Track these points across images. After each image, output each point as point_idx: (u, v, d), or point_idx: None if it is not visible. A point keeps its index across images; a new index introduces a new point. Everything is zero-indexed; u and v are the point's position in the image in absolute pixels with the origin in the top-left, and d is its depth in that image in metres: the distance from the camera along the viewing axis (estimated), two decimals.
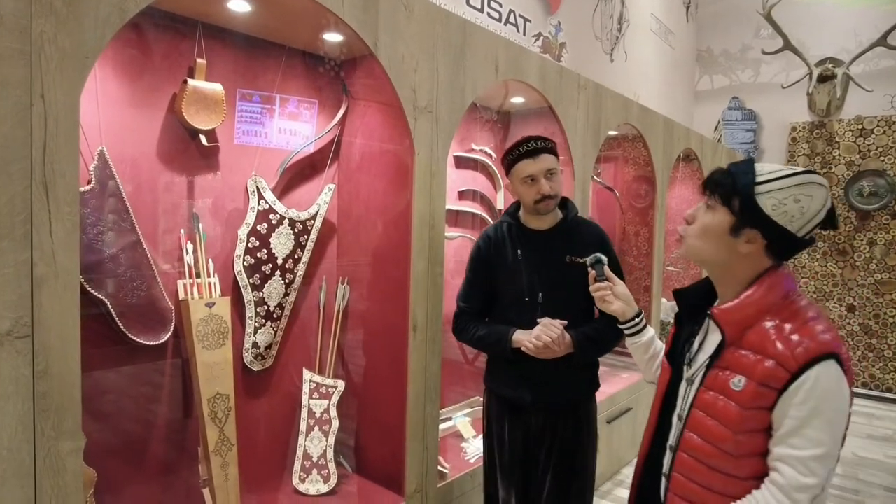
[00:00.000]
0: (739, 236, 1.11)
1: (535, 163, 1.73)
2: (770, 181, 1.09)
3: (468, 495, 2.24)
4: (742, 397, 1.06)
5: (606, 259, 1.57)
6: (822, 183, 1.09)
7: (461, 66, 2.06)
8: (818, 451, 1.00)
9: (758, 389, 1.04)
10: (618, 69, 4.72)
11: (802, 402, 1.00)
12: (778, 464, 1.03)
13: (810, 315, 1.07)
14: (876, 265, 5.23)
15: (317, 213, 2.05)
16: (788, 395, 1.01)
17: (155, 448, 1.76)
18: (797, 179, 1.08)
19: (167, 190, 1.74)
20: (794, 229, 1.08)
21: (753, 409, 1.05)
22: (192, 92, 1.67)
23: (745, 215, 1.10)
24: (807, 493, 0.99)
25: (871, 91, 5.28)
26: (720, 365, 1.13)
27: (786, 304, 1.10)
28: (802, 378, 1.00)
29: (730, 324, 1.12)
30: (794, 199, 1.07)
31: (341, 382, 2.08)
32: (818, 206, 1.07)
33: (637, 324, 1.50)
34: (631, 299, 1.52)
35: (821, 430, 1.00)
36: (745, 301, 1.11)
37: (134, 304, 1.62)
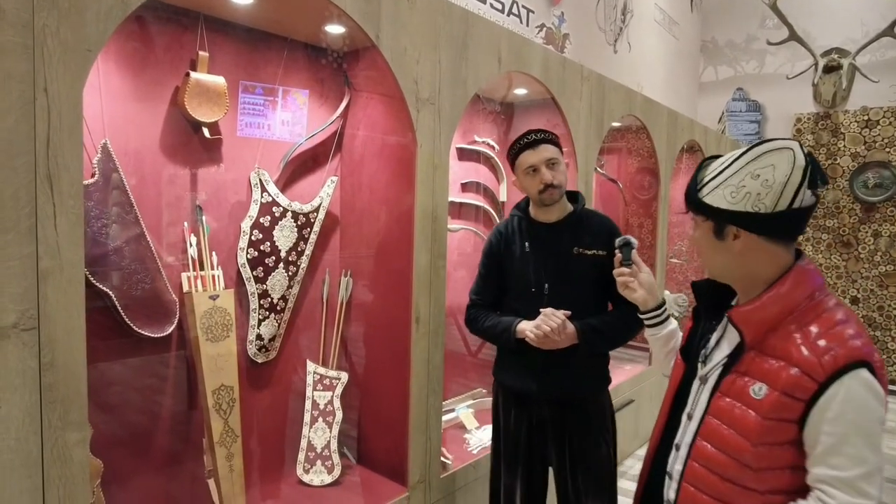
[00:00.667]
0: (725, 237, 1.06)
1: (536, 153, 1.74)
2: (721, 171, 1.04)
3: (471, 486, 2.25)
4: (762, 406, 0.98)
5: (637, 243, 1.49)
6: (783, 146, 1.00)
7: (464, 58, 2.05)
8: (863, 469, 0.92)
9: (781, 399, 0.96)
10: (621, 60, 4.70)
11: (837, 418, 0.92)
12: (824, 486, 0.94)
13: (839, 317, 0.99)
14: (880, 257, 5.21)
15: (320, 206, 2.05)
16: (819, 410, 0.94)
17: (160, 439, 1.77)
18: (748, 156, 1.02)
19: (170, 183, 1.75)
20: (767, 207, 0.99)
21: (775, 419, 0.97)
22: (194, 85, 1.67)
23: (712, 215, 1.05)
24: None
25: (877, 82, 5.24)
26: (739, 370, 1.05)
27: (812, 305, 1.01)
28: (832, 390, 0.93)
29: (750, 325, 1.04)
30: (752, 177, 1.00)
31: (345, 374, 2.10)
32: (785, 171, 0.98)
33: (657, 315, 1.42)
34: (654, 288, 1.44)
35: (862, 446, 0.92)
36: (766, 301, 1.03)
37: (138, 296, 1.63)
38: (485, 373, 3.09)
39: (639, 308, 1.45)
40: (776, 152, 1.00)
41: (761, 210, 1.00)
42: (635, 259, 1.46)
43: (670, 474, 1.19)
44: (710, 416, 1.08)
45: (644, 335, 1.49)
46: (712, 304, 1.20)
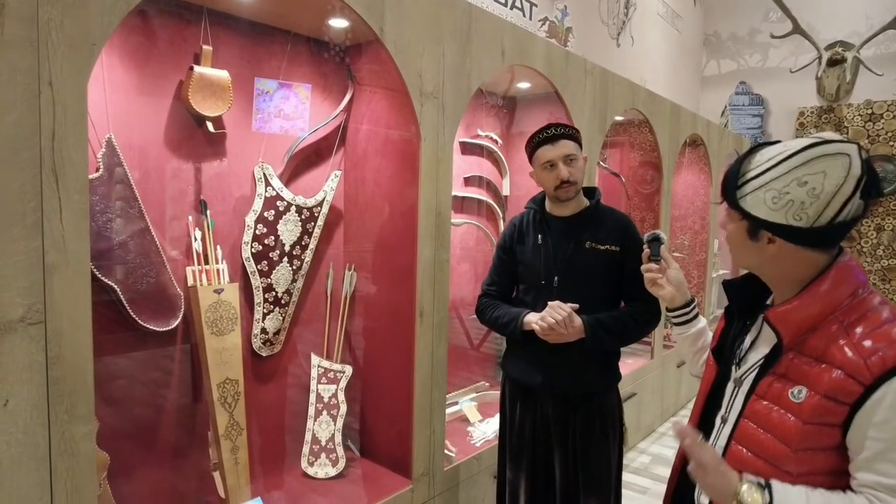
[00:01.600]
0: (759, 239, 0.99)
1: (555, 148, 1.73)
2: (766, 171, 0.95)
3: (475, 478, 2.26)
4: (803, 410, 0.93)
5: (665, 238, 1.45)
6: (839, 151, 0.90)
7: (467, 52, 2.05)
8: None
9: (823, 403, 0.91)
10: (624, 54, 4.68)
11: (885, 422, 0.87)
12: (869, 492, 0.90)
13: (885, 316, 0.93)
14: (883, 251, 5.21)
15: (323, 200, 2.06)
16: (865, 413, 0.88)
17: (166, 432, 1.78)
18: (799, 159, 0.92)
19: (175, 177, 1.75)
20: (809, 218, 0.91)
21: (817, 424, 0.92)
22: (198, 79, 1.67)
23: (747, 218, 0.99)
24: None
25: (881, 75, 5.21)
26: (777, 372, 1.00)
27: (855, 304, 0.95)
28: (880, 392, 0.87)
29: (788, 326, 0.99)
30: (799, 183, 0.92)
31: (349, 367, 2.10)
32: (837, 181, 0.89)
33: (686, 313, 1.37)
34: (684, 285, 1.39)
35: None
36: (806, 300, 0.97)
37: (143, 290, 1.64)
38: (488, 366, 3.10)
39: (659, 306, 1.43)
40: (830, 158, 0.91)
41: (801, 222, 0.93)
42: (664, 255, 1.41)
43: None
44: (745, 419, 1.03)
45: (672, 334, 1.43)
46: (746, 303, 1.15)
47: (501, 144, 2.99)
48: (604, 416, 1.82)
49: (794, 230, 0.94)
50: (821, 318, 0.96)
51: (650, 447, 3.64)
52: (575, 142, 1.77)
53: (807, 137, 0.96)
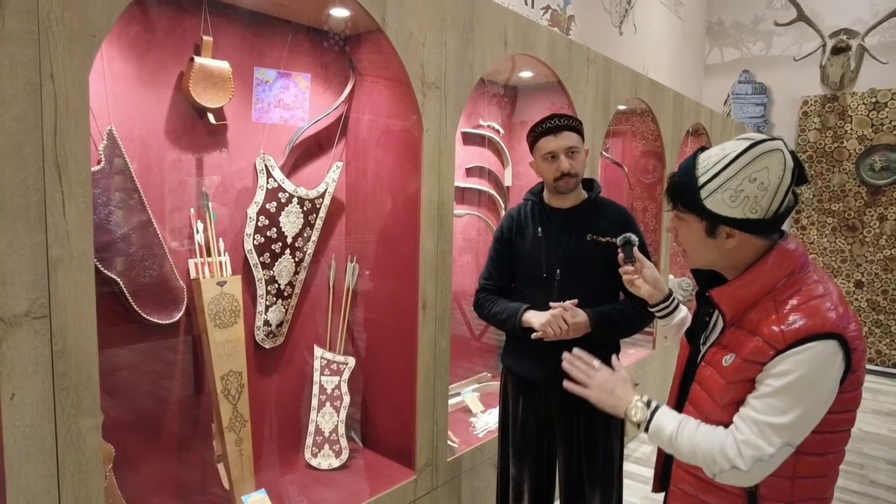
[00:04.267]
0: (718, 236, 1.10)
1: (557, 140, 1.72)
2: (718, 174, 1.06)
3: (477, 469, 2.28)
4: (727, 371, 1.07)
5: (637, 240, 1.51)
6: (774, 148, 1.03)
7: (469, 41, 2.03)
8: (778, 420, 0.99)
9: (742, 364, 1.05)
10: (627, 42, 4.64)
11: (781, 374, 0.99)
12: (738, 420, 1.04)
13: (817, 292, 1.04)
14: (886, 241, 5.20)
15: (325, 192, 2.05)
16: (770, 365, 1.01)
17: (170, 424, 1.79)
18: (745, 159, 1.03)
19: (176, 169, 1.74)
20: (762, 209, 1.04)
21: (736, 382, 1.06)
22: (198, 70, 1.66)
23: (709, 218, 1.08)
24: (754, 451, 1.00)
25: (886, 63, 5.17)
26: (721, 343, 1.13)
27: (791, 283, 1.07)
28: (787, 353, 0.99)
29: (729, 305, 1.11)
30: (750, 180, 1.03)
31: (352, 359, 2.11)
32: (779, 172, 1.03)
33: (667, 307, 1.46)
34: (660, 282, 1.47)
35: (790, 404, 0.98)
36: (746, 280, 1.09)
37: (146, 283, 1.64)
38: (490, 357, 3.11)
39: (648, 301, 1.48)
40: (769, 154, 1.03)
41: (757, 213, 1.05)
42: (637, 256, 1.50)
43: None
44: (695, 382, 1.17)
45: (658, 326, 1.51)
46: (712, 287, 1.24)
47: (503, 134, 2.97)
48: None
49: (753, 222, 1.05)
50: (759, 296, 1.08)
51: None
52: (578, 133, 1.75)
53: (736, 140, 1.09)
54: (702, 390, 1.14)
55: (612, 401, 1.22)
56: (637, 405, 1.18)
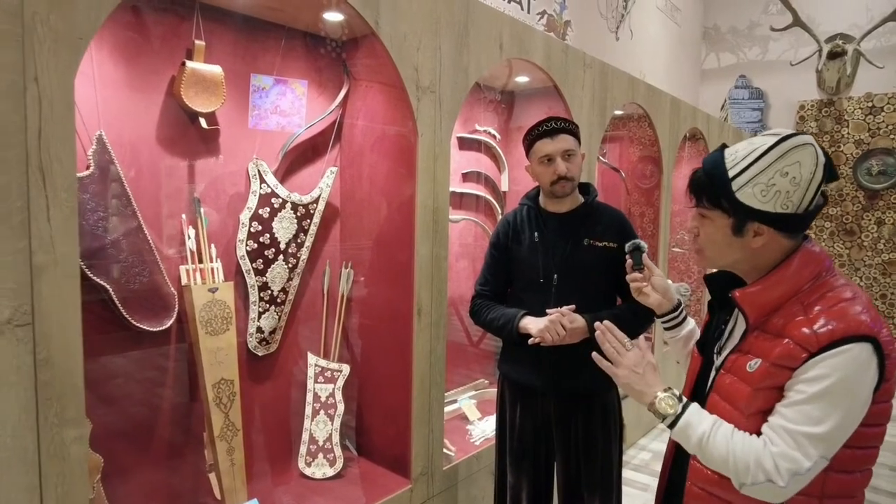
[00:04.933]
0: (745, 233, 1.05)
1: (553, 143, 1.70)
2: (748, 167, 1.01)
3: (474, 477, 2.25)
4: (753, 378, 1.00)
5: (646, 247, 1.46)
6: (804, 142, 1.00)
7: (464, 45, 2.02)
8: (815, 429, 0.92)
9: (770, 369, 0.98)
10: (623, 47, 4.64)
11: (815, 379, 0.93)
12: (769, 431, 0.97)
13: (846, 295, 0.99)
14: (884, 245, 5.19)
15: (319, 197, 2.03)
16: (802, 370, 0.95)
17: (161, 433, 1.76)
18: (776, 153, 0.99)
19: (168, 174, 1.72)
20: (794, 205, 1.00)
21: (764, 388, 0.99)
22: (190, 74, 1.64)
23: (739, 213, 1.03)
24: (791, 465, 0.93)
25: (882, 67, 5.18)
26: (742, 349, 1.07)
27: (817, 286, 1.02)
28: (821, 356, 0.93)
29: (753, 307, 1.05)
30: (782, 174, 0.99)
31: (346, 366, 2.08)
32: (811, 167, 0.99)
33: (675, 317, 1.39)
34: (669, 291, 1.41)
35: (826, 411, 0.92)
36: (771, 282, 1.04)
37: (136, 289, 1.61)
38: (487, 363, 3.08)
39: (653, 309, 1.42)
40: (801, 149, 0.99)
41: (789, 209, 1.00)
42: (647, 263, 1.43)
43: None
44: (713, 392, 1.10)
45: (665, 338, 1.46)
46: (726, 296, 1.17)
47: (500, 139, 2.96)
48: (605, 414, 1.80)
49: (785, 217, 1.01)
50: (784, 299, 1.03)
51: (650, 444, 3.63)
52: (574, 137, 1.74)
53: (763, 135, 1.05)
54: (722, 400, 1.07)
55: (641, 386, 1.13)
56: (668, 397, 1.09)
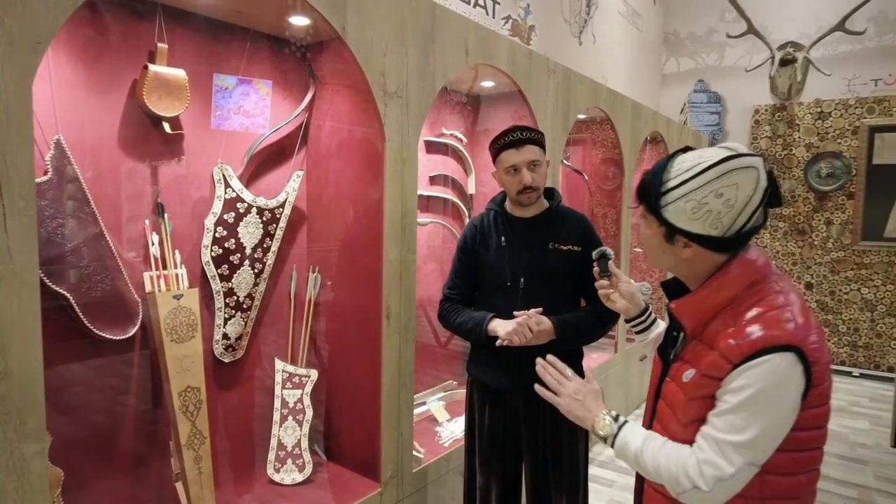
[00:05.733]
0: (675, 243, 1.07)
1: (519, 153, 1.73)
2: (686, 182, 1.01)
3: (444, 478, 2.26)
4: (687, 388, 1.04)
5: (612, 254, 1.50)
6: (749, 165, 0.99)
7: (431, 50, 2.03)
8: (738, 437, 0.95)
9: (700, 381, 1.02)
10: (586, 52, 4.73)
11: (738, 389, 0.96)
12: (699, 439, 1.01)
13: (777, 303, 1.00)
14: (832, 244, 5.42)
15: (285, 201, 2.02)
16: (727, 380, 0.98)
17: (125, 444, 1.72)
18: (715, 172, 0.99)
19: (130, 179, 1.68)
20: (724, 226, 1.00)
21: (697, 398, 1.02)
22: (153, 78, 1.61)
23: (666, 226, 1.05)
24: (715, 472, 0.97)
25: (829, 75, 5.41)
26: (683, 357, 1.10)
27: (751, 294, 1.03)
28: (744, 367, 0.95)
29: (688, 317, 1.08)
30: (716, 195, 0.99)
31: (314, 371, 2.07)
32: (748, 192, 0.98)
33: (643, 321, 1.43)
34: (636, 296, 1.44)
35: (749, 420, 0.95)
36: (702, 294, 1.06)
37: (98, 297, 1.58)
38: (455, 365, 3.10)
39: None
40: (743, 171, 0.99)
41: (717, 230, 1.01)
42: (613, 270, 1.46)
43: None
44: (661, 399, 1.14)
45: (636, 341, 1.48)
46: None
47: (466, 143, 2.99)
48: None
49: (711, 239, 1.02)
50: (718, 309, 1.05)
51: None
52: (539, 146, 1.77)
53: (718, 148, 1.04)
54: (667, 407, 1.11)
55: (581, 412, 1.19)
56: (605, 419, 1.14)
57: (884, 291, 5.21)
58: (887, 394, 4.68)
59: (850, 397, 4.72)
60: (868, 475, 3.33)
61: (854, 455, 3.60)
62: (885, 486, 3.20)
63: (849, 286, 5.35)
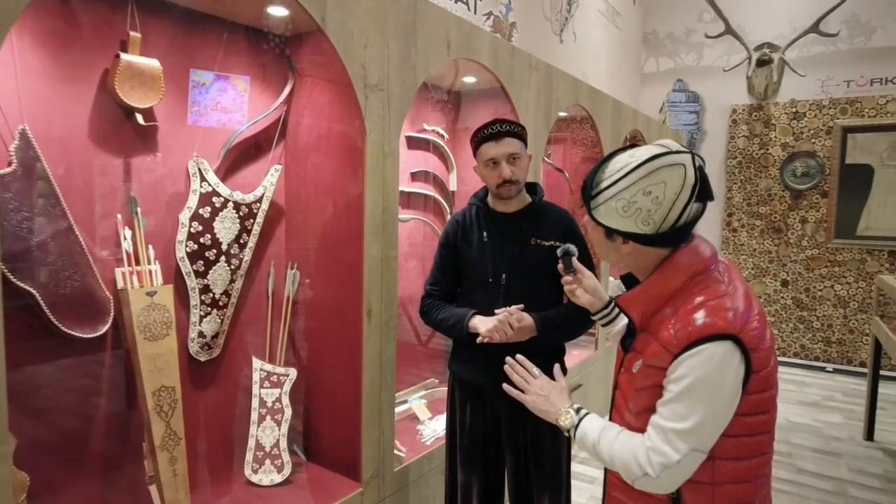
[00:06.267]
0: (614, 240, 1.11)
1: (498, 146, 1.71)
2: (616, 182, 1.05)
3: (425, 477, 2.24)
4: (636, 378, 1.09)
5: (577, 251, 1.53)
6: (676, 162, 1.01)
7: (412, 44, 2.01)
8: (681, 425, 0.99)
9: (645, 371, 1.06)
10: (567, 50, 4.74)
11: (679, 378, 0.99)
12: (649, 428, 1.05)
13: (720, 291, 1.03)
14: (807, 242, 5.52)
15: (263, 196, 1.97)
16: (669, 371, 1.01)
17: (96, 446, 1.66)
18: (643, 171, 1.02)
19: (101, 172, 1.63)
20: (656, 223, 1.03)
21: (645, 388, 1.06)
22: (125, 67, 1.56)
23: (601, 225, 1.10)
24: (660, 458, 1.00)
25: (804, 76, 5.50)
26: (635, 348, 1.14)
27: (693, 285, 1.06)
28: (682, 357, 0.99)
29: (635, 309, 1.12)
30: (644, 193, 1.02)
31: (293, 370, 2.03)
32: (675, 189, 1.01)
33: (607, 314, 1.48)
34: (599, 290, 1.49)
35: (690, 408, 0.98)
36: (646, 286, 1.10)
37: (67, 294, 1.52)
38: (436, 363, 3.08)
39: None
40: (669, 168, 1.01)
41: (649, 227, 1.04)
42: (577, 266, 1.52)
43: None
44: (618, 389, 1.19)
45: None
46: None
47: (448, 139, 2.96)
48: None
49: (644, 236, 1.05)
50: (664, 300, 1.08)
51: None
52: (520, 139, 1.75)
53: (652, 146, 1.07)
54: (621, 397, 1.15)
55: (546, 406, 1.24)
56: (568, 412, 1.19)
57: (856, 288, 5.32)
58: (860, 388, 4.78)
59: (824, 392, 4.82)
60: (842, 468, 3.39)
61: (828, 448, 3.66)
62: (859, 477, 3.26)
63: (822, 283, 5.45)
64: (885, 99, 5.13)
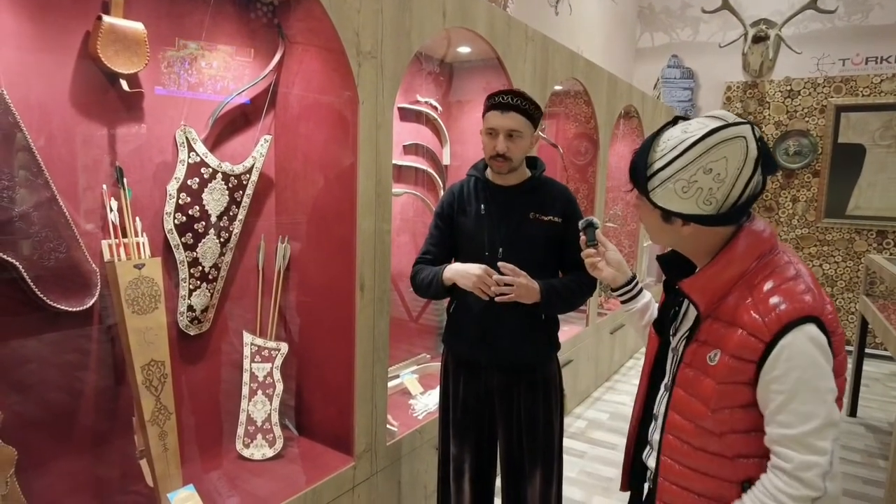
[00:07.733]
0: (673, 223, 1.04)
1: (501, 118, 1.67)
2: (672, 161, 0.98)
3: (417, 451, 2.25)
4: (717, 371, 0.99)
5: (599, 224, 1.47)
6: (734, 134, 0.95)
7: (407, 9, 1.95)
8: (812, 424, 0.91)
9: (731, 363, 0.97)
10: (562, 23, 4.66)
11: (783, 376, 0.92)
12: (776, 447, 0.95)
13: (790, 274, 0.98)
14: (797, 221, 5.54)
15: (253, 167, 1.92)
16: (766, 370, 0.94)
17: (84, 420, 1.64)
18: (700, 147, 0.96)
19: (85, 141, 1.57)
20: (718, 202, 0.97)
21: (730, 383, 0.98)
22: (108, 30, 1.49)
23: (659, 208, 1.03)
24: (814, 470, 0.91)
25: (800, 53, 5.46)
26: (699, 338, 1.05)
27: (761, 267, 1.00)
28: (778, 348, 0.92)
29: (701, 294, 1.04)
30: (705, 171, 0.96)
31: (284, 345, 2.01)
32: (738, 163, 0.95)
33: (629, 290, 1.40)
34: (623, 265, 1.41)
35: (809, 402, 0.92)
36: (713, 270, 1.03)
37: (52, 267, 1.47)
38: (428, 338, 3.08)
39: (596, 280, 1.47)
40: (729, 143, 0.95)
41: (711, 206, 0.98)
42: (600, 239, 1.43)
43: (651, 443, 1.21)
44: (677, 386, 1.08)
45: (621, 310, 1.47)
46: (678, 276, 1.16)
47: (441, 112, 2.91)
48: (547, 385, 1.83)
49: (707, 216, 0.99)
50: (731, 284, 1.01)
51: (586, 412, 3.76)
52: (527, 117, 1.69)
53: (705, 117, 1.01)
54: (687, 395, 1.05)
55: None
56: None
57: (843, 267, 5.37)
58: None
59: None
60: None
61: None
62: (843, 453, 3.32)
63: (811, 262, 5.50)
64: (879, 78, 5.11)
